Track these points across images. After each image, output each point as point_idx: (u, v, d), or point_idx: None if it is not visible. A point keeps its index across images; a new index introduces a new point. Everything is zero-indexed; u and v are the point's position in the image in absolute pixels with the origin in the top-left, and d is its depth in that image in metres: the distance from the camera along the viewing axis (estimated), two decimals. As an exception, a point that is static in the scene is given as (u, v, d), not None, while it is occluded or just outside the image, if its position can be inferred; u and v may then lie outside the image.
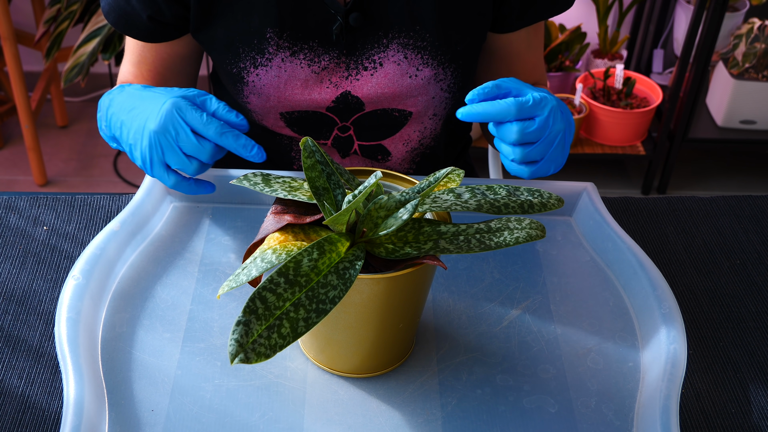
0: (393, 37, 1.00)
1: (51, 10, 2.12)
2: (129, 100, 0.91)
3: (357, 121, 1.07)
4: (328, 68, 1.02)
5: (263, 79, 1.02)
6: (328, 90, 1.03)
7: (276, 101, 1.04)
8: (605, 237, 0.97)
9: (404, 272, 0.72)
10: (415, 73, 1.02)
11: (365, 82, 1.03)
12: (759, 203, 1.09)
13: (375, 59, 1.01)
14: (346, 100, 1.04)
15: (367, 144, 1.10)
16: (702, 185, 2.56)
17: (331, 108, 1.05)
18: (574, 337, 0.87)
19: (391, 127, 1.09)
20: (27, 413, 0.78)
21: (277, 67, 1.01)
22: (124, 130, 0.90)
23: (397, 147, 1.11)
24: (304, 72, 1.01)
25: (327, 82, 1.02)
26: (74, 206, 1.01)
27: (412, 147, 1.12)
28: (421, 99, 1.05)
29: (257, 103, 1.05)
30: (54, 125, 2.65)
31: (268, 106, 1.05)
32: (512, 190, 0.79)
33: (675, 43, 2.54)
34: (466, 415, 0.79)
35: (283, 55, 1.00)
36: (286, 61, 1.00)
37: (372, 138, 1.10)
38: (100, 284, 0.88)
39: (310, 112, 1.06)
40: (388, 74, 1.02)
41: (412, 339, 0.85)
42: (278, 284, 0.66)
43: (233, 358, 0.63)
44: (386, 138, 1.10)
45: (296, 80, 1.02)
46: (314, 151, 0.75)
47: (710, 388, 0.84)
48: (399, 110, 1.06)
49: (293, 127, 1.08)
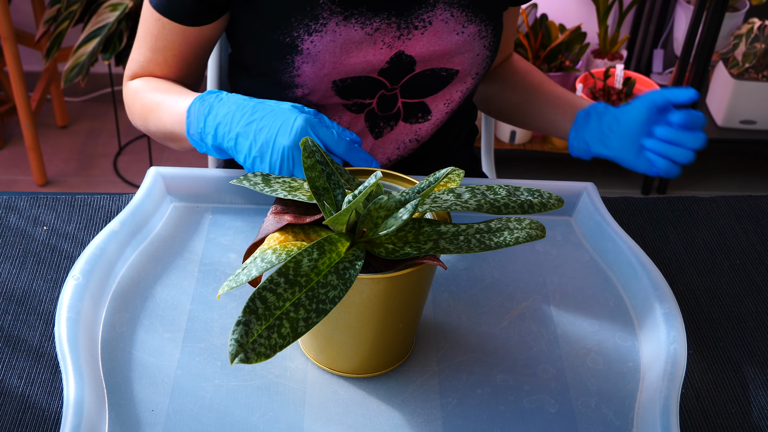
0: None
1: (51, 10, 2.12)
2: (242, 111, 0.91)
3: (406, 83, 1.09)
4: (380, 29, 1.04)
5: (318, 45, 1.03)
6: (382, 51, 1.05)
7: (331, 67, 1.05)
8: (605, 237, 0.97)
9: (404, 272, 0.72)
10: (461, 30, 1.06)
11: (417, 41, 1.05)
12: (759, 203, 1.09)
13: (424, 18, 1.04)
14: (400, 60, 1.06)
15: (411, 101, 1.12)
16: (702, 185, 2.56)
17: (384, 70, 1.07)
18: (574, 337, 0.87)
19: (437, 86, 1.11)
20: (27, 413, 0.78)
21: (332, 32, 1.02)
22: (242, 141, 0.90)
23: (438, 107, 1.13)
24: (358, 34, 1.03)
25: (380, 43, 1.04)
26: (74, 206, 1.01)
27: (452, 108, 1.14)
28: (467, 56, 1.09)
29: (310, 73, 1.05)
30: (54, 125, 2.65)
31: (322, 74, 1.05)
32: (512, 190, 0.79)
33: (675, 43, 2.54)
34: (466, 415, 0.79)
35: (336, 20, 1.02)
36: (340, 26, 1.02)
37: (416, 95, 1.12)
38: (100, 284, 0.88)
39: (363, 77, 1.07)
40: (437, 32, 1.05)
41: (412, 339, 0.85)
42: (278, 284, 0.66)
43: (233, 358, 0.63)
44: (430, 95, 1.12)
45: (351, 44, 1.03)
46: (314, 151, 0.75)
47: (710, 388, 0.84)
48: (447, 69, 1.09)
49: (343, 95, 1.09)
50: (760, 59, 2.33)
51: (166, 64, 1.08)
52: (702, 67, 2.24)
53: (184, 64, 1.09)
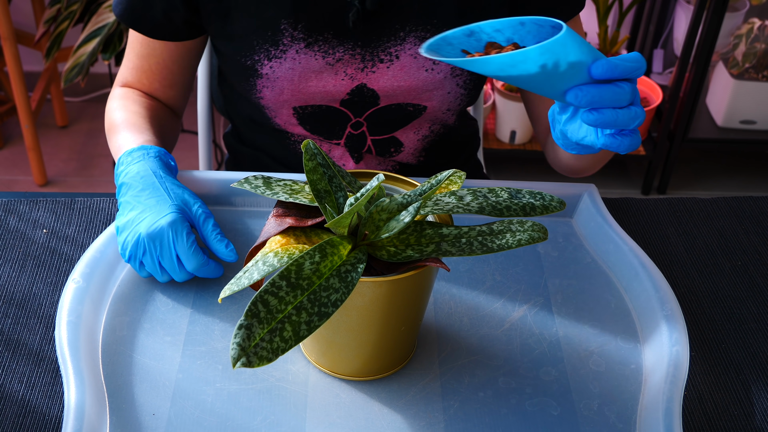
0: (410, 30, 1.00)
1: (51, 10, 2.11)
2: (139, 183, 0.91)
3: (371, 116, 1.07)
4: (343, 60, 1.01)
5: (277, 71, 1.01)
6: (344, 82, 1.03)
7: (290, 94, 1.04)
8: (607, 239, 0.96)
9: (406, 275, 0.72)
10: (431, 66, 1.02)
11: (381, 75, 1.03)
12: (760, 204, 1.09)
13: (391, 51, 1.01)
14: (362, 92, 1.04)
15: (380, 138, 1.10)
16: (702, 185, 2.56)
17: (346, 101, 1.05)
18: (576, 340, 0.87)
19: (404, 120, 1.09)
20: (27, 417, 0.78)
21: (291, 59, 1.01)
22: (122, 207, 0.90)
23: (409, 136, 1.11)
24: (318, 63, 1.01)
25: (342, 74, 1.02)
26: (74, 208, 1.01)
27: (423, 135, 1.12)
28: (437, 93, 1.05)
29: (270, 97, 1.05)
30: (54, 125, 2.64)
31: (282, 99, 1.05)
32: (514, 192, 0.79)
33: (675, 43, 2.53)
34: (468, 417, 0.79)
35: (297, 47, 1.00)
36: (300, 53, 1.00)
37: (385, 132, 1.10)
38: (100, 287, 0.87)
39: (324, 107, 1.05)
40: (404, 67, 1.02)
41: (414, 342, 0.84)
42: (280, 287, 0.65)
43: (235, 362, 0.62)
44: (398, 129, 1.10)
45: (310, 72, 1.02)
46: (316, 153, 0.75)
47: (712, 390, 0.84)
48: (414, 105, 1.06)
49: (306, 124, 1.08)
50: (760, 59, 2.33)
51: (151, 71, 1.09)
52: (702, 67, 2.24)
53: (168, 72, 1.09)
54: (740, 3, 2.42)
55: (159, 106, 1.12)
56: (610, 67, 0.70)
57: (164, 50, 1.07)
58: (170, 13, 1.01)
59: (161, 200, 0.88)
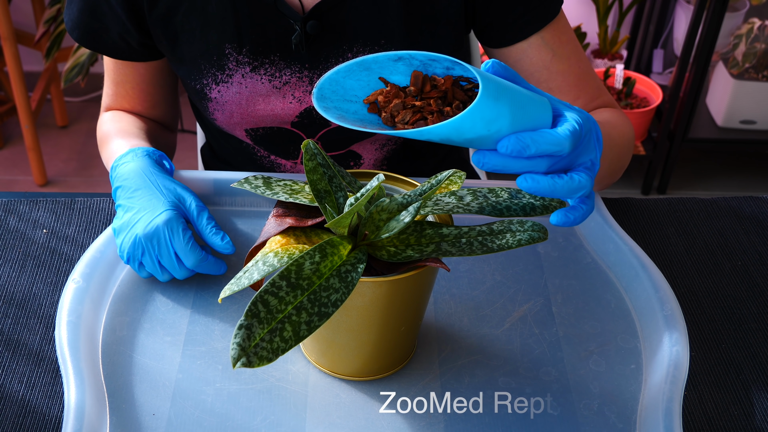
0: (357, 51, 0.99)
1: (51, 10, 2.11)
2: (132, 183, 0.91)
3: (324, 136, 1.06)
4: (290, 83, 1.00)
5: (225, 95, 1.01)
6: (292, 105, 1.02)
7: (239, 117, 1.03)
8: (607, 239, 0.96)
9: (406, 275, 0.72)
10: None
11: None
12: (760, 204, 1.09)
13: None
14: (311, 115, 1.03)
15: (338, 153, 1.09)
16: (702, 185, 2.56)
17: (296, 123, 1.04)
18: (576, 339, 0.87)
19: (358, 136, 1.07)
20: (27, 418, 0.78)
21: (237, 84, 1.00)
22: (118, 210, 0.91)
23: (366, 147, 1.10)
24: (265, 87, 1.00)
25: (290, 96, 1.01)
26: (74, 209, 1.01)
27: (380, 144, 1.10)
28: None
29: (222, 120, 1.04)
30: (54, 125, 2.64)
31: (233, 122, 1.04)
32: (514, 192, 0.79)
33: (675, 43, 2.53)
34: (468, 418, 0.79)
35: (243, 71, 0.99)
36: (246, 77, 0.99)
37: (341, 147, 1.09)
38: (100, 287, 0.87)
39: (275, 128, 1.05)
40: None
41: (414, 342, 0.84)
42: (280, 287, 0.65)
43: (235, 362, 0.62)
44: (353, 144, 1.09)
45: (257, 96, 1.01)
46: (316, 153, 0.75)
47: (712, 390, 0.84)
48: None
49: (260, 144, 1.08)
50: (760, 59, 2.33)
51: (128, 96, 1.09)
52: (702, 67, 2.24)
53: (144, 94, 1.09)
54: (740, 3, 2.42)
55: (148, 121, 1.11)
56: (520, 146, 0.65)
57: (135, 73, 1.06)
58: (125, 36, 1.00)
59: (154, 198, 0.88)
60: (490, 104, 0.63)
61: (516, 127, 0.66)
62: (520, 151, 0.65)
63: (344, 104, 0.70)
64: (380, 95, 0.69)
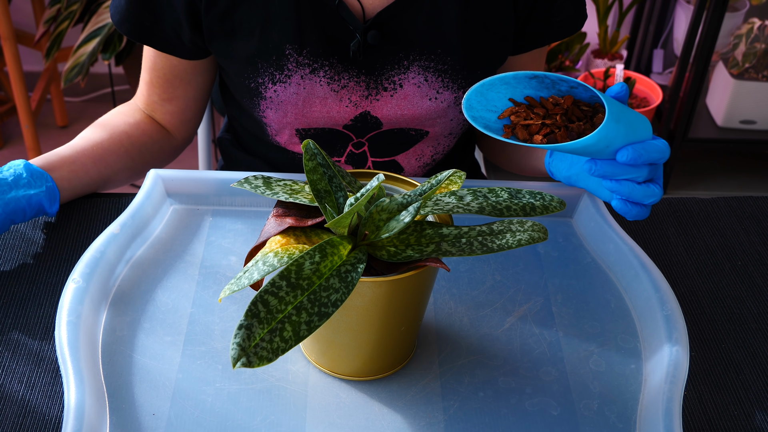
0: (414, 59, 0.99)
1: (51, 10, 2.11)
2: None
3: (373, 138, 1.07)
4: (347, 87, 1.01)
5: (281, 95, 1.01)
6: (348, 109, 1.02)
7: (293, 117, 1.03)
8: (606, 239, 0.96)
9: (406, 275, 0.72)
10: (435, 95, 1.02)
11: (385, 103, 1.02)
12: (760, 204, 1.09)
13: (395, 80, 1.01)
14: (365, 119, 1.04)
15: (381, 160, 1.10)
16: (702, 185, 2.56)
17: (349, 126, 1.05)
18: (576, 340, 0.87)
19: (406, 143, 1.08)
20: (27, 418, 0.78)
21: (296, 84, 1.00)
22: None
23: (410, 162, 1.11)
24: (323, 90, 1.00)
25: (346, 101, 1.02)
26: (73, 209, 1.01)
27: (424, 162, 1.11)
28: (440, 121, 1.05)
29: (273, 118, 1.04)
30: (54, 125, 2.64)
31: (285, 121, 1.04)
32: (514, 192, 0.79)
33: (675, 43, 2.53)
34: (468, 418, 0.79)
35: (302, 72, 0.99)
36: (305, 78, 0.99)
37: (386, 154, 1.09)
38: (100, 287, 0.87)
39: (327, 129, 1.05)
40: (408, 96, 1.01)
41: (414, 342, 0.84)
42: (280, 287, 0.65)
43: (235, 362, 0.62)
44: (400, 153, 1.09)
45: (315, 98, 1.01)
46: (316, 153, 0.75)
47: (712, 390, 0.84)
48: (416, 129, 1.06)
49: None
50: (760, 59, 2.33)
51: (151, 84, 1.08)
52: (702, 67, 2.24)
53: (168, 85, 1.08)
54: (740, 3, 2.42)
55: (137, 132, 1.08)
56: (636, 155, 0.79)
57: (166, 65, 1.06)
58: (178, 30, 1.00)
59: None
60: (613, 125, 0.78)
61: (628, 140, 0.81)
62: (635, 159, 0.80)
63: (487, 113, 0.84)
64: (512, 115, 0.83)
